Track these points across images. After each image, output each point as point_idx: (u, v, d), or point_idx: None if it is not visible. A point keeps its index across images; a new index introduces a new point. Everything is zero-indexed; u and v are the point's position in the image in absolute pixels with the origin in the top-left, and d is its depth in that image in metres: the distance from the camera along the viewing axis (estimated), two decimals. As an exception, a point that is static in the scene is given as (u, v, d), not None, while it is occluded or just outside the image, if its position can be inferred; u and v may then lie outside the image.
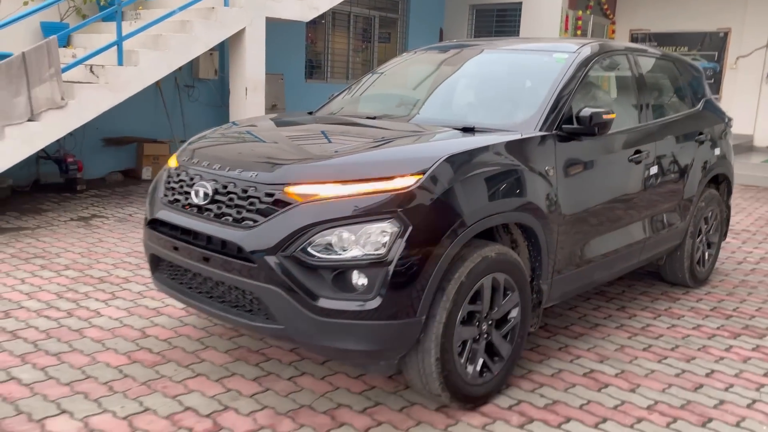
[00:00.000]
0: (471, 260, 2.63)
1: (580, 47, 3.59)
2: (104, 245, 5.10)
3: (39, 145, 5.52)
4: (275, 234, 2.49)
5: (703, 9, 12.22)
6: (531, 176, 2.91)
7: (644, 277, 4.83)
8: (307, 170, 2.62)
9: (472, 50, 4.04)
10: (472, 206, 2.62)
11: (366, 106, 3.95)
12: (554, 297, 3.24)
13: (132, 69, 6.04)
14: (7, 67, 5.21)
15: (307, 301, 2.45)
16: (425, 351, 2.58)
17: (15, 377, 2.92)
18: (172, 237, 2.86)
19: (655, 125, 3.96)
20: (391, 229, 2.43)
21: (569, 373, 3.23)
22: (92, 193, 7.13)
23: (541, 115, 3.14)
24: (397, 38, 12.13)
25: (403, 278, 2.44)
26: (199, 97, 8.86)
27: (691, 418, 2.85)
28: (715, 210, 4.68)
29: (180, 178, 2.93)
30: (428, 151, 2.73)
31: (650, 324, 3.95)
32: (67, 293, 4.02)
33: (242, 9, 6.84)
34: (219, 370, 3.09)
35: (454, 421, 2.73)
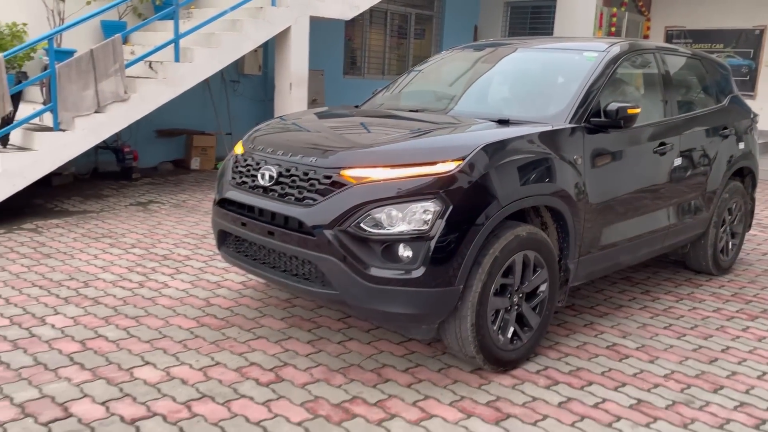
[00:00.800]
0: (504, 238, 2.95)
1: (609, 46, 3.87)
2: (163, 227, 5.55)
3: (104, 135, 5.99)
4: (332, 211, 2.85)
5: (738, 6, 12.22)
6: (560, 164, 3.22)
7: (669, 264, 5.08)
8: (360, 156, 2.98)
9: (507, 49, 4.34)
10: (506, 189, 2.95)
11: (408, 101, 4.29)
12: (581, 276, 3.54)
13: (187, 65, 6.48)
14: (77, 62, 5.69)
15: (360, 269, 2.80)
16: (462, 317, 2.91)
17: (101, 335, 3.35)
18: (239, 214, 3.25)
19: (680, 119, 4.21)
20: (434, 208, 2.77)
21: (593, 345, 3.53)
22: (146, 181, 7.62)
23: (571, 109, 3.44)
24: (431, 35, 12.42)
25: (443, 251, 2.78)
26: (243, 91, 9.31)
27: (704, 386, 3.13)
28: (739, 201, 4.90)
29: (247, 163, 3.32)
30: (467, 139, 3.06)
31: (672, 306, 4.21)
32: (137, 268, 4.46)
33: (288, 8, 7.24)
34: (277, 333, 3.47)
35: (487, 381, 3.06)
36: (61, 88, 5.58)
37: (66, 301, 3.79)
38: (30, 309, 3.63)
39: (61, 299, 3.81)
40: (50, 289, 3.96)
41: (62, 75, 5.57)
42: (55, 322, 3.47)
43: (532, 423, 2.72)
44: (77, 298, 3.84)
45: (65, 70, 5.60)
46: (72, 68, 5.65)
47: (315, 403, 2.78)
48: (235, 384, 2.91)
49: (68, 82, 5.62)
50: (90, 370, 2.96)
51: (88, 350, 3.16)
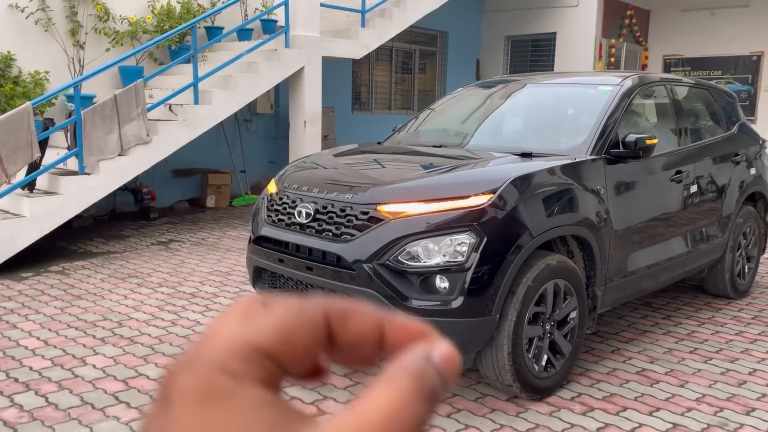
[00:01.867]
0: (536, 267, 3.05)
1: (622, 80, 4.02)
2: (187, 266, 5.65)
3: (128, 177, 6.14)
4: (371, 245, 2.96)
5: (735, 33, 12.51)
6: (585, 195, 3.34)
7: (687, 289, 5.16)
8: (395, 191, 3.10)
9: (523, 84, 4.50)
10: (537, 220, 3.06)
11: (429, 137, 4.43)
12: (607, 302, 3.62)
13: (206, 107, 6.67)
14: (102, 108, 5.87)
15: (399, 301, 2.90)
16: (499, 346, 2.99)
17: (142, 374, 3.43)
18: (276, 251, 3.35)
19: (694, 148, 4.35)
20: (469, 240, 2.88)
21: (623, 371, 3.60)
22: (164, 220, 7.74)
23: (591, 141, 3.57)
24: (435, 70, 12.70)
25: (479, 282, 2.88)
26: (256, 130, 9.51)
27: (736, 408, 3.19)
28: (752, 226, 5.01)
29: (282, 201, 3.44)
30: (497, 173, 3.18)
31: (695, 330, 4.28)
32: (167, 306, 4.54)
33: (302, 50, 7.46)
34: (312, 368, 3.54)
35: (524, 409, 3.12)
36: (87, 133, 5.75)
37: (103, 341, 3.87)
38: (69, 350, 3.71)
39: (98, 340, 3.89)
40: (86, 330, 4.04)
41: (87, 120, 5.75)
42: (95, 362, 3.55)
43: (573, 449, 2.78)
44: (113, 338, 3.92)
45: (90, 116, 5.77)
46: (97, 114, 5.83)
47: (359, 435, 2.84)
48: (279, 418, 2.97)
49: (93, 127, 5.79)
50: (136, 408, 3.03)
51: (131, 389, 3.24)
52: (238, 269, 5.56)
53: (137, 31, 7.72)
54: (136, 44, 7.74)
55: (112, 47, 7.52)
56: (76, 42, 7.31)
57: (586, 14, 11.80)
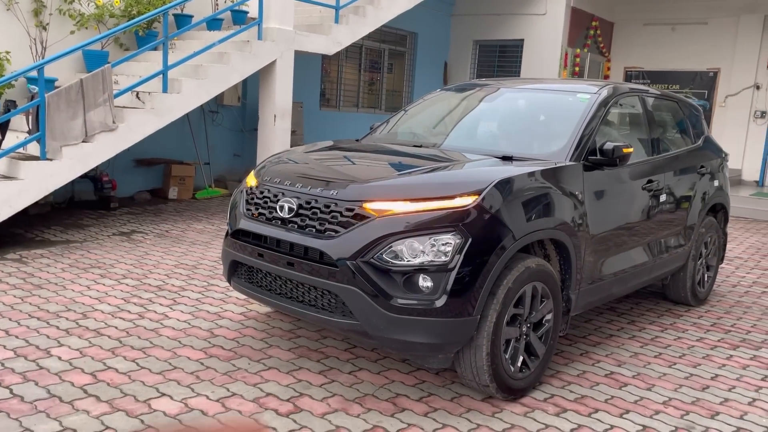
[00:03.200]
0: (516, 269, 3.09)
1: (599, 89, 4.10)
2: (152, 258, 5.51)
3: (91, 164, 5.94)
4: (355, 243, 2.94)
5: (694, 49, 12.94)
6: (564, 199, 3.39)
7: (649, 295, 5.31)
8: (380, 189, 3.08)
9: (502, 89, 4.54)
10: (520, 223, 3.09)
11: (408, 136, 4.43)
12: (580, 306, 3.70)
13: (175, 96, 6.51)
14: (67, 92, 5.66)
15: (382, 300, 2.89)
16: (478, 346, 3.01)
17: (111, 367, 3.32)
18: (255, 245, 3.29)
19: (664, 158, 4.48)
20: (454, 241, 2.89)
21: (592, 374, 3.67)
22: (125, 210, 7.53)
23: (571, 147, 3.63)
24: (404, 69, 12.73)
25: (462, 282, 2.90)
26: (222, 122, 9.35)
27: (701, 412, 3.29)
28: (713, 236, 5.18)
29: (264, 195, 3.38)
30: (481, 174, 3.20)
31: (658, 336, 4.41)
32: (133, 299, 4.42)
33: (274, 43, 7.36)
34: (287, 364, 3.50)
35: (499, 409, 3.15)
36: (50, 118, 5.54)
37: (67, 332, 3.74)
38: (33, 341, 3.57)
39: (62, 331, 3.75)
40: (49, 321, 3.89)
41: (51, 104, 5.54)
42: (60, 354, 3.42)
43: (549, 449, 2.83)
44: (78, 330, 3.79)
45: (54, 100, 5.56)
46: (61, 98, 5.62)
47: (337, 433, 2.83)
48: (256, 415, 2.93)
49: (57, 111, 5.58)
50: (107, 402, 2.94)
51: (100, 382, 3.13)
52: (204, 263, 5.45)
53: (104, 15, 7.49)
54: (102, 28, 7.52)
55: (76, 30, 7.28)
56: (39, 23, 7.04)
57: (553, 23, 12.01)
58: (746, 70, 12.43)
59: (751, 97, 12.50)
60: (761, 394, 3.57)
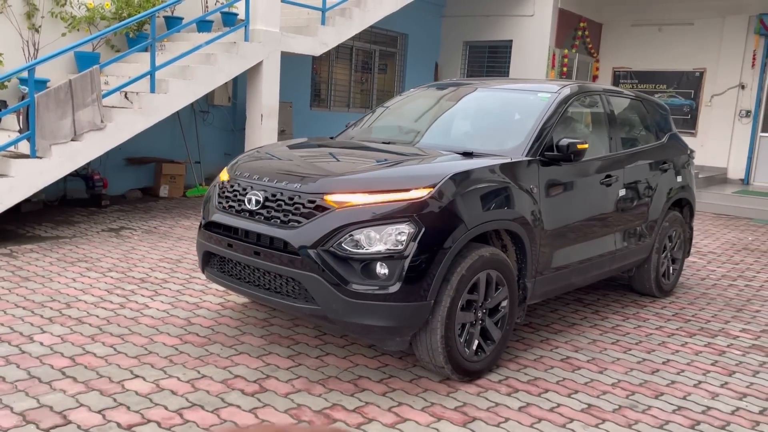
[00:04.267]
0: (470, 258, 3.28)
1: (560, 88, 4.30)
2: (138, 252, 5.71)
3: (80, 162, 6.14)
4: (316, 233, 3.14)
5: (680, 50, 13.13)
6: (519, 193, 3.59)
7: (617, 287, 5.50)
8: (341, 182, 3.28)
9: (469, 88, 4.74)
10: (472, 214, 3.29)
11: (379, 134, 4.63)
12: (537, 294, 3.89)
13: (162, 96, 6.71)
14: (56, 92, 5.87)
15: (341, 285, 3.08)
16: (433, 330, 3.21)
17: (89, 351, 3.52)
18: (226, 236, 3.50)
19: (624, 154, 4.67)
20: (408, 230, 3.09)
21: (549, 358, 3.87)
22: (116, 208, 7.73)
23: (527, 143, 3.83)
24: (395, 70, 12.93)
25: (416, 269, 3.09)
26: (213, 121, 9.55)
27: (647, 392, 3.49)
28: (678, 230, 5.37)
29: (234, 189, 3.58)
30: (437, 169, 3.40)
31: (619, 324, 4.60)
32: (116, 290, 4.62)
33: (261, 44, 7.57)
34: (257, 349, 3.70)
35: (454, 389, 3.35)
36: (40, 117, 5.74)
37: (50, 321, 3.93)
38: (17, 328, 3.77)
39: (46, 319, 3.95)
40: (33, 310, 4.09)
41: (41, 104, 5.74)
42: (42, 340, 3.62)
43: (496, 425, 3.02)
44: (61, 318, 3.98)
45: (44, 100, 5.76)
46: (51, 98, 5.82)
47: (298, 410, 3.02)
48: (222, 394, 3.12)
49: (46, 110, 5.78)
50: (83, 383, 3.14)
51: (78, 365, 3.33)
52: (189, 257, 5.65)
53: (95, 17, 7.69)
54: (93, 30, 7.72)
55: (68, 32, 7.48)
56: (32, 25, 7.25)
57: (541, 24, 12.21)
58: (731, 70, 12.62)
59: (736, 97, 12.68)
60: (708, 377, 3.76)
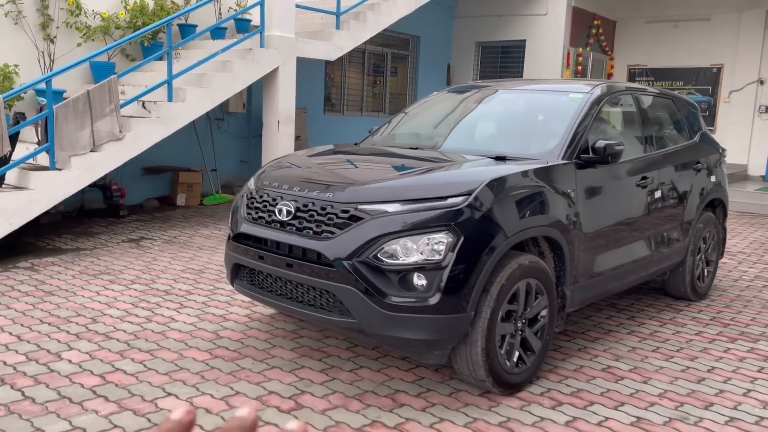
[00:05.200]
0: (509, 267, 3.17)
1: (592, 88, 4.18)
2: (160, 263, 5.63)
3: (99, 173, 6.08)
4: (351, 243, 3.03)
5: (697, 46, 12.96)
6: (557, 197, 3.47)
7: (650, 291, 5.36)
8: (375, 191, 3.18)
9: (494, 90, 4.63)
10: (511, 221, 3.18)
11: (405, 139, 4.53)
12: (575, 302, 3.77)
13: (180, 104, 6.65)
14: (74, 103, 5.81)
15: (378, 298, 2.98)
16: (473, 342, 3.10)
17: (119, 369, 3.43)
18: (256, 248, 3.40)
19: (658, 155, 4.54)
20: (446, 239, 2.98)
21: (589, 368, 3.74)
22: (134, 217, 7.67)
23: (563, 146, 3.71)
24: (407, 73, 12.83)
25: (455, 280, 2.98)
26: (228, 129, 9.49)
27: (696, 403, 3.36)
28: (712, 231, 5.23)
29: (263, 199, 3.48)
30: (473, 175, 3.28)
31: (657, 330, 4.46)
32: (141, 303, 4.54)
33: (276, 50, 7.49)
34: (289, 363, 3.60)
35: (496, 403, 3.23)
36: (58, 128, 5.68)
37: (77, 336, 3.85)
38: (44, 345, 3.69)
39: (72, 335, 3.87)
40: (59, 326, 4.02)
41: (60, 115, 5.68)
42: (71, 357, 3.54)
43: (543, 441, 2.90)
44: (88, 334, 3.90)
45: (63, 111, 5.70)
46: (69, 109, 5.76)
47: (337, 428, 2.91)
48: (258, 412, 3.02)
49: (65, 122, 5.73)
50: (115, 402, 3.05)
51: (109, 383, 3.24)
52: (211, 267, 5.57)
53: (109, 27, 7.65)
54: (108, 40, 7.67)
55: (83, 42, 7.43)
56: (47, 36, 7.21)
57: (555, 23, 12.08)
58: (750, 65, 12.43)
59: (755, 92, 12.49)
60: (756, 385, 3.62)
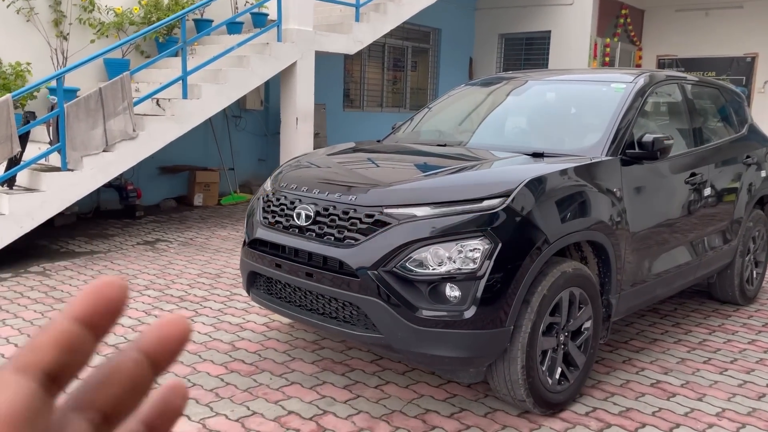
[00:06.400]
0: (551, 275, 2.86)
1: (635, 77, 3.84)
2: (175, 267, 5.40)
3: (113, 174, 5.88)
4: (376, 251, 2.75)
5: (729, 34, 12.44)
6: (602, 198, 3.16)
7: (694, 295, 5.01)
8: (402, 193, 2.89)
9: (528, 81, 4.31)
10: (554, 225, 2.87)
11: (432, 135, 4.23)
12: (621, 311, 3.45)
13: (195, 102, 6.42)
14: (86, 101, 5.60)
15: (407, 311, 2.70)
16: (512, 359, 2.80)
17: (128, 385, 3.19)
18: (274, 255, 3.13)
19: (707, 149, 4.19)
20: (482, 246, 2.68)
21: (636, 383, 3.42)
22: (150, 218, 7.48)
23: (607, 141, 3.39)
24: (428, 67, 12.50)
25: (493, 291, 2.69)
26: (245, 126, 9.26)
27: (758, 424, 3.02)
28: (761, 230, 4.86)
29: (280, 203, 3.21)
30: (510, 174, 2.98)
31: (706, 339, 4.12)
32: (154, 311, 4.31)
33: (294, 44, 7.23)
34: (310, 378, 3.33)
35: (536, 425, 2.93)
36: (70, 128, 5.48)
37: (86, 348, 3.62)
38: (49, 359, 3.47)
39: (81, 347, 3.64)
40: (67, 337, 3.79)
41: (71, 114, 5.48)
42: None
43: (593, 470, 2.60)
44: (97, 346, 3.67)
45: (74, 110, 5.50)
46: (81, 107, 5.56)
47: (363, 455, 2.64)
48: (276, 436, 2.77)
49: (77, 121, 5.52)
50: (121, 424, 2.80)
51: (116, 402, 3.00)
52: (228, 271, 5.33)
53: (123, 23, 7.45)
54: (122, 36, 7.47)
55: (97, 39, 7.25)
56: (60, 33, 7.02)
57: (582, 13, 11.66)
58: (786, 53, 11.90)
59: (792, 82, 11.96)
60: (824, 402, 3.28)
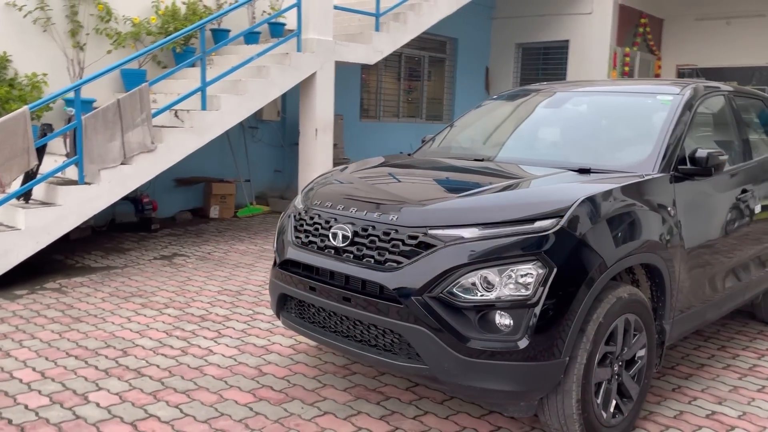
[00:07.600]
0: (607, 301, 2.67)
1: (682, 88, 3.65)
2: (194, 284, 5.24)
3: (131, 187, 5.73)
4: (421, 275, 2.57)
5: (750, 43, 12.21)
6: (656, 217, 2.96)
7: (735, 315, 4.78)
8: (447, 213, 2.71)
9: (569, 93, 4.13)
10: (611, 247, 2.68)
11: (466, 150, 4.04)
12: (674, 337, 3.25)
13: (215, 113, 6.27)
14: (104, 113, 5.46)
15: (455, 341, 2.50)
16: (566, 392, 2.60)
17: (152, 414, 3.01)
18: (307, 278, 2.95)
19: (757, 164, 3.98)
20: (536, 271, 2.49)
21: (691, 414, 3.21)
22: (166, 231, 7.33)
23: (658, 156, 3.20)
24: (443, 77, 12.34)
25: (547, 319, 2.49)
26: (262, 137, 9.12)
27: (830, 462, 2.81)
28: (808, 248, 4.63)
29: (314, 221, 3.03)
30: (563, 192, 2.78)
31: (756, 364, 3.90)
32: (175, 331, 4.13)
33: (314, 54, 7.08)
34: (343, 408, 3.14)
35: (590, 462, 2.72)
36: (87, 140, 5.34)
37: (107, 373, 3.46)
38: (70, 384, 3.30)
39: (101, 371, 3.48)
40: (87, 360, 3.63)
41: (88, 126, 5.34)
42: (99, 400, 3.13)
43: None
44: (118, 370, 3.50)
45: (91, 122, 5.36)
46: (98, 119, 5.42)
47: (408, 496, 2.44)
48: (313, 474, 2.57)
49: (94, 133, 5.38)
50: (147, 460, 2.62)
51: (140, 435, 2.83)
52: (249, 288, 5.16)
53: (140, 33, 7.34)
54: (139, 46, 7.35)
55: (114, 49, 7.13)
56: (76, 43, 6.91)
57: (601, 22, 11.49)
58: (811, 62, 11.67)
59: (817, 92, 11.72)
60: None
